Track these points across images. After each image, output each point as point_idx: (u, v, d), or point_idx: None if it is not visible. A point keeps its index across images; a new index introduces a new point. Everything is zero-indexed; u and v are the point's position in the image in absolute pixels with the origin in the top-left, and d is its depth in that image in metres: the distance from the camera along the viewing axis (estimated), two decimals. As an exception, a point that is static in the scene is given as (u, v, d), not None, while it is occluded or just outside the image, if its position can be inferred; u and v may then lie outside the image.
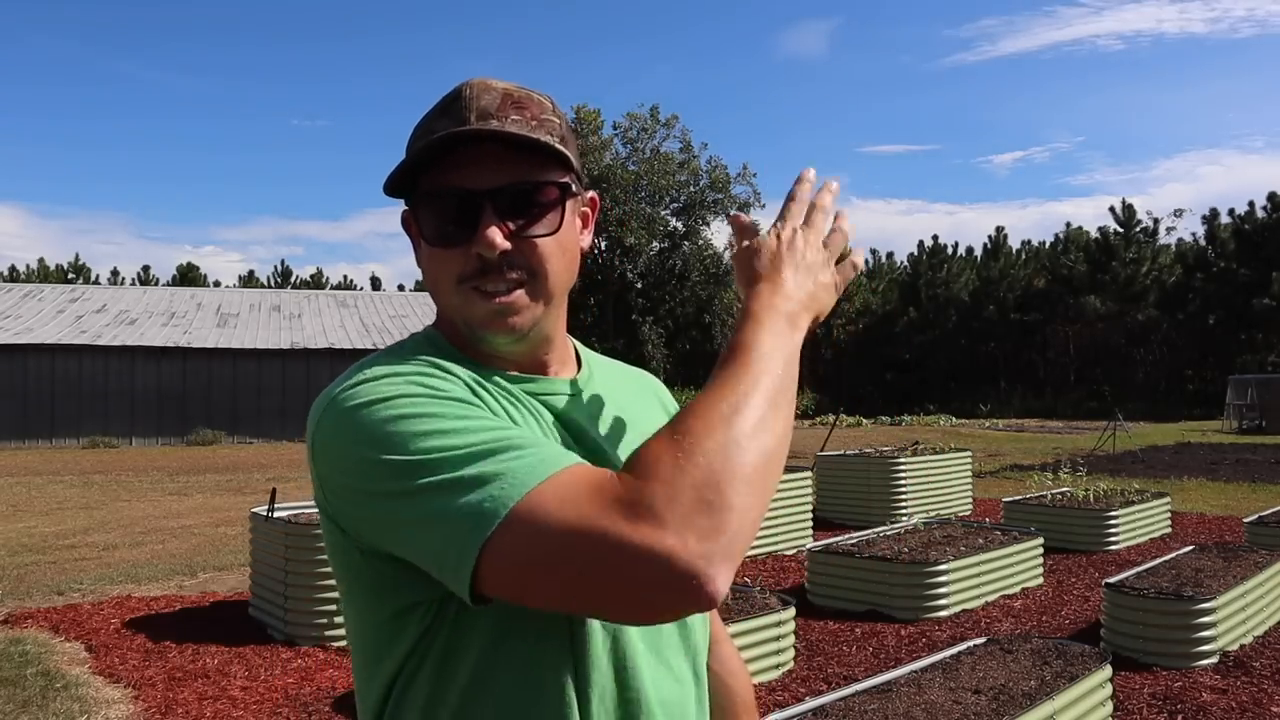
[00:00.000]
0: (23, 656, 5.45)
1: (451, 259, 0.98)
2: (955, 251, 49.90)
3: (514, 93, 0.99)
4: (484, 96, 0.97)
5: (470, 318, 0.99)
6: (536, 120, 0.98)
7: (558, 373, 1.08)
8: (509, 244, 0.96)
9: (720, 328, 42.25)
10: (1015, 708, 3.34)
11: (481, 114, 0.96)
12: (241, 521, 9.60)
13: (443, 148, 0.95)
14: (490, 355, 1.03)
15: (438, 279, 1.00)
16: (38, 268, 50.89)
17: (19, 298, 27.99)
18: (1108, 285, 42.05)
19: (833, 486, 10.30)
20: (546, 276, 1.00)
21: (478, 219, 0.96)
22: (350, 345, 26.38)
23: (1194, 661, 5.02)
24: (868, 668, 5.09)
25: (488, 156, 0.96)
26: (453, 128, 0.95)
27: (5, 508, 12.14)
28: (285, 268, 57.27)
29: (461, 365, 1.00)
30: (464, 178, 0.96)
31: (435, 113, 0.99)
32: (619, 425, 1.08)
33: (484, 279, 0.97)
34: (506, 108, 0.97)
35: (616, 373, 1.20)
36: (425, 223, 0.99)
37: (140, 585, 7.39)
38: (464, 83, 1.00)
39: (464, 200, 0.96)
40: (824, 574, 6.49)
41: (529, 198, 0.98)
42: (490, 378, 1.01)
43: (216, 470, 17.44)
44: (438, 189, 0.97)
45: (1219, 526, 9.74)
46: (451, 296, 0.99)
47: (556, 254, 1.00)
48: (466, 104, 0.97)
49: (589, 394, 1.09)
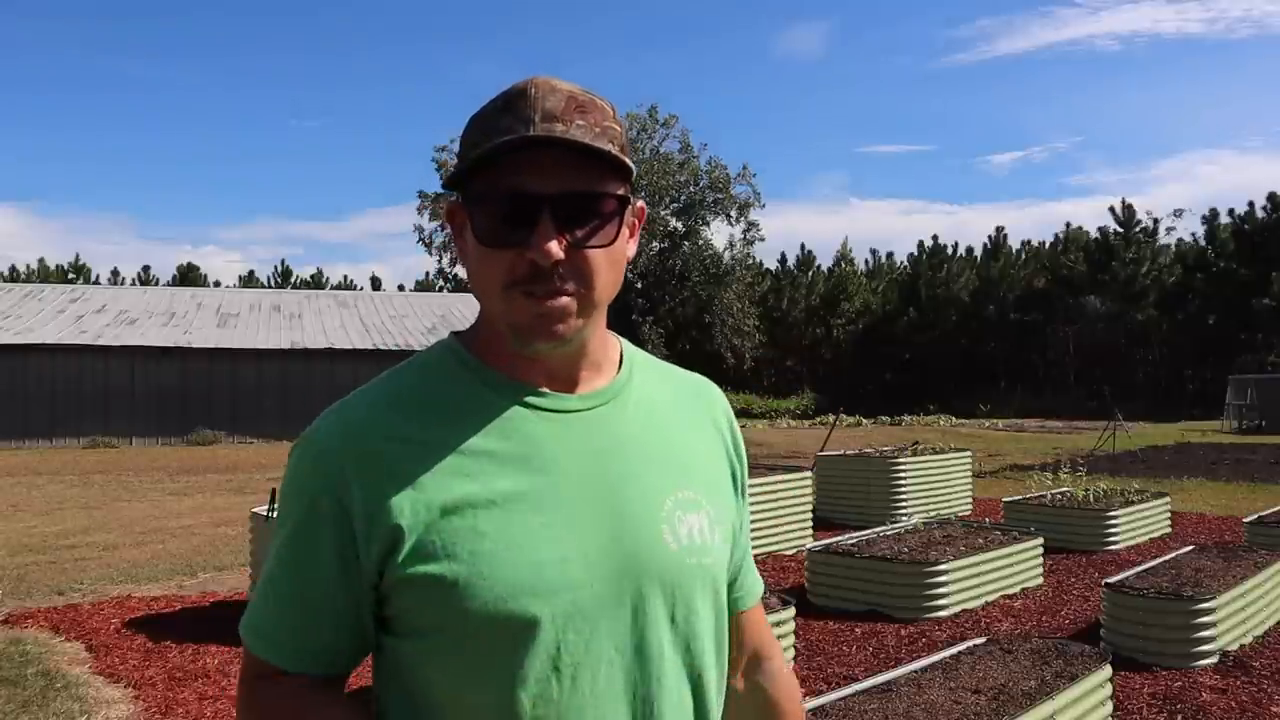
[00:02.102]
0: (23, 656, 5.45)
1: (502, 260, 0.96)
2: (955, 251, 49.93)
3: (579, 96, 0.97)
4: (549, 98, 0.95)
5: (515, 321, 0.98)
6: (600, 128, 0.96)
7: (589, 380, 1.06)
8: (564, 254, 0.95)
9: (720, 328, 42.24)
10: (1015, 708, 3.34)
11: (546, 116, 0.94)
12: (241, 521, 9.60)
13: (512, 148, 0.93)
14: (521, 362, 1.02)
15: (485, 279, 0.99)
16: (38, 268, 50.87)
17: (19, 298, 27.96)
18: (1108, 285, 42.06)
19: (833, 486, 10.30)
20: (595, 289, 0.98)
21: (535, 223, 0.94)
22: (350, 345, 26.37)
23: (1194, 661, 5.02)
24: (868, 668, 5.09)
25: (549, 160, 0.94)
26: (516, 126, 0.93)
27: (5, 508, 12.14)
28: (285, 268, 57.25)
29: (474, 380, 1.03)
30: (524, 180, 0.94)
31: (497, 108, 0.97)
32: (634, 448, 1.05)
33: (534, 284, 0.96)
34: (571, 112, 0.95)
35: (661, 381, 1.14)
36: (479, 221, 0.97)
37: (140, 585, 7.39)
38: (529, 80, 0.98)
39: (523, 203, 0.94)
40: (824, 574, 6.48)
41: (589, 207, 0.96)
42: (494, 403, 1.01)
43: (216, 470, 17.44)
44: (496, 188, 0.96)
45: (1219, 526, 9.74)
46: (497, 299, 0.98)
47: (607, 266, 0.99)
48: (531, 104, 0.94)
49: (612, 411, 1.06)
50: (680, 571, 1.02)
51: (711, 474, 1.12)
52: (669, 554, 1.02)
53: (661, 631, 1.01)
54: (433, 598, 0.95)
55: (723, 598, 1.09)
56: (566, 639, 0.96)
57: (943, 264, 48.92)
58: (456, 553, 0.94)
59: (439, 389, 1.03)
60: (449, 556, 0.94)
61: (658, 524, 1.02)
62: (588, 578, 0.97)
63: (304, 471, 1.01)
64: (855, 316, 49.41)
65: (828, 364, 48.79)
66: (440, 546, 0.95)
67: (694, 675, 1.04)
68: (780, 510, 8.42)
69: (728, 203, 42.45)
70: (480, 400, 1.02)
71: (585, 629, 0.96)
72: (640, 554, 1.00)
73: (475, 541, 0.95)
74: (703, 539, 1.05)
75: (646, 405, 1.09)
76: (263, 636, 1.03)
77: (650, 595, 1.00)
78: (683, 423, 1.12)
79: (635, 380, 1.10)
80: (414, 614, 0.97)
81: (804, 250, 52.46)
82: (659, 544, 1.01)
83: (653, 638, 1.00)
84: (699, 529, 1.05)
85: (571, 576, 0.96)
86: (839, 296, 49.63)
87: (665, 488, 1.04)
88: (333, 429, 1.00)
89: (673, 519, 1.03)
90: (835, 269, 51.77)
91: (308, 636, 1.01)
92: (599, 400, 1.05)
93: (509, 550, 0.95)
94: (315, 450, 1.00)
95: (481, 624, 0.94)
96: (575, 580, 0.96)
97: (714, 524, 1.07)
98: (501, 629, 0.94)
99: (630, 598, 0.99)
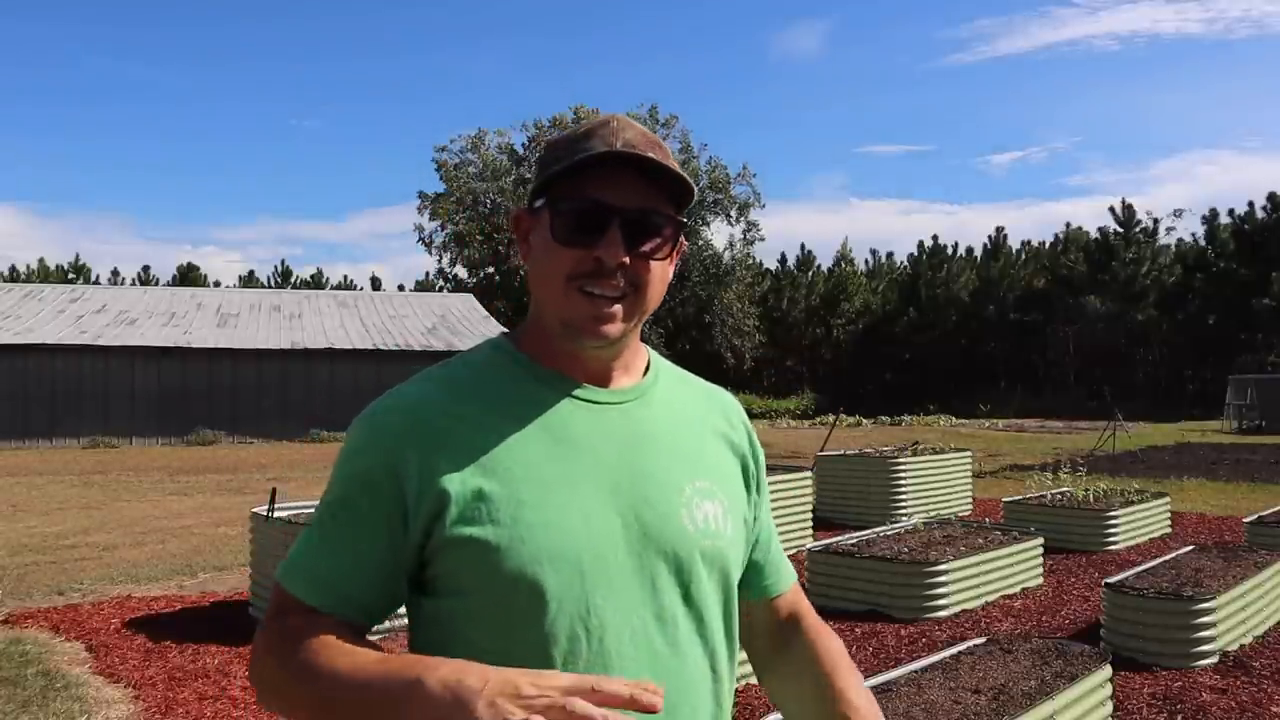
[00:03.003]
0: (23, 656, 5.45)
1: (570, 257, 1.09)
2: (955, 251, 49.93)
3: (650, 135, 1.13)
4: (628, 130, 1.10)
5: (569, 316, 1.10)
6: (668, 162, 1.11)
7: (620, 379, 1.18)
8: (627, 258, 1.09)
9: (720, 328, 42.25)
10: (1015, 708, 3.34)
11: (626, 144, 1.08)
12: (242, 521, 9.59)
13: (598, 163, 1.07)
14: (564, 359, 1.15)
15: (549, 274, 1.11)
16: (38, 268, 50.88)
17: (19, 298, 27.96)
18: (1108, 285, 42.06)
19: (833, 486, 10.31)
20: (646, 297, 1.12)
21: (605, 230, 1.08)
22: (350, 345, 26.36)
23: (1194, 661, 5.02)
24: (868, 668, 5.09)
25: (625, 180, 1.09)
26: (599, 149, 1.07)
27: (5, 508, 12.13)
28: (285, 268, 57.26)
29: (521, 372, 1.14)
30: (602, 193, 1.08)
31: (580, 135, 1.12)
32: (658, 441, 1.16)
33: (594, 281, 1.09)
34: (646, 144, 1.10)
35: (682, 388, 1.27)
36: (558, 223, 1.10)
37: (140, 585, 7.39)
38: (610, 115, 1.14)
39: (599, 211, 1.08)
40: (824, 574, 6.49)
41: (654, 224, 1.11)
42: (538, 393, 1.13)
43: (217, 470, 17.43)
44: (577, 197, 1.09)
45: (1219, 526, 9.74)
46: (557, 292, 1.10)
47: (659, 279, 1.13)
48: (614, 131, 1.10)
49: (640, 407, 1.18)
50: (695, 551, 1.13)
51: (725, 469, 1.23)
52: (686, 534, 1.12)
53: (675, 602, 1.11)
54: (474, 559, 1.04)
55: (732, 581, 1.20)
56: (594, 602, 1.05)
57: (943, 264, 48.93)
58: (499, 519, 1.04)
59: (489, 378, 1.15)
60: (492, 522, 1.04)
61: (677, 507, 1.13)
62: (612, 549, 1.08)
63: (363, 439, 1.11)
64: (855, 316, 49.42)
65: (828, 364, 48.81)
66: (485, 512, 1.05)
67: (709, 648, 1.14)
68: (780, 510, 8.42)
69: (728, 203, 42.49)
70: (525, 389, 1.14)
71: (610, 595, 1.06)
72: (661, 532, 1.11)
73: (515, 509, 1.05)
74: (717, 525, 1.16)
75: (669, 405, 1.21)
76: (303, 574, 1.10)
77: (666, 569, 1.11)
78: (700, 423, 1.24)
79: (660, 383, 1.23)
80: (456, 575, 1.06)
81: (804, 250, 52.52)
82: (678, 525, 1.12)
83: (669, 607, 1.10)
84: (714, 515, 1.16)
85: (598, 546, 1.07)
86: (839, 296, 49.63)
87: (685, 477, 1.16)
88: (392, 405, 1.12)
89: (690, 504, 1.14)
90: (835, 269, 51.78)
91: (348, 582, 1.08)
92: (629, 396, 1.18)
93: (545, 519, 1.05)
94: (375, 422, 1.11)
95: (519, 584, 1.04)
96: (601, 550, 1.07)
97: (728, 513, 1.18)
98: (536, 590, 1.04)
99: (649, 570, 1.10)
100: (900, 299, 49.22)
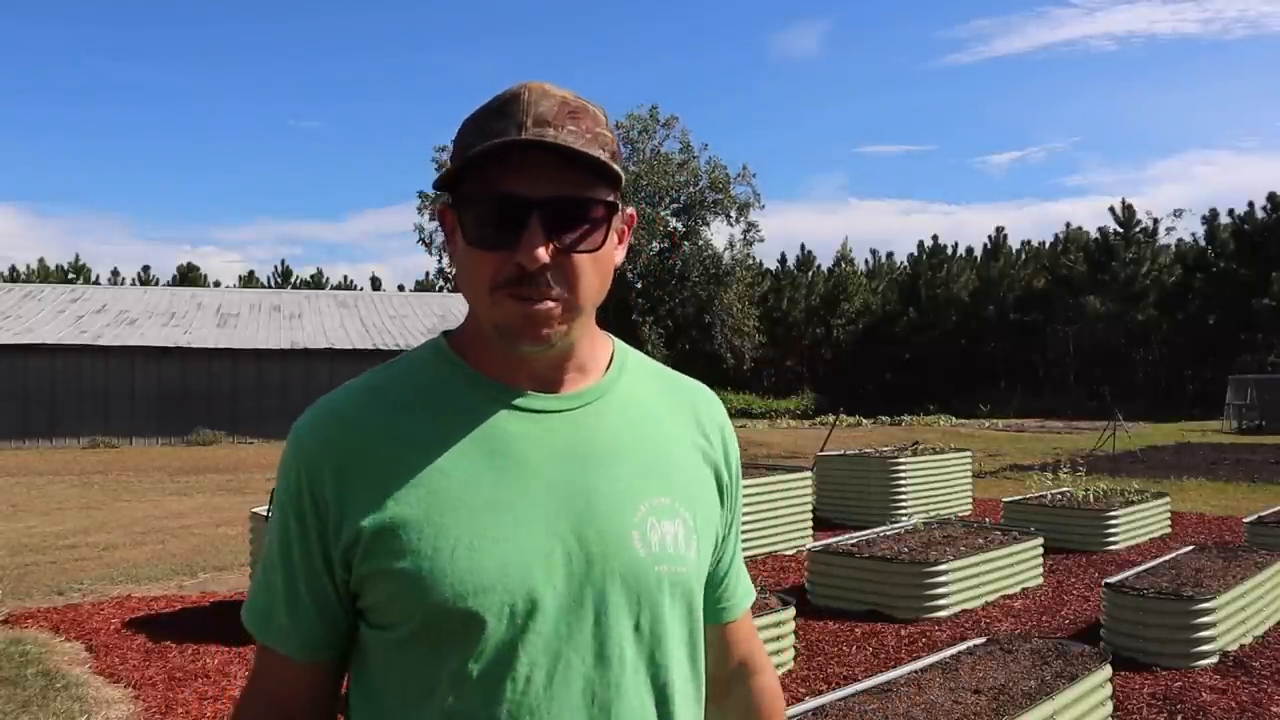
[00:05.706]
0: (23, 656, 5.45)
1: (490, 262, 0.97)
2: (955, 251, 49.92)
3: (571, 102, 0.98)
4: (542, 102, 0.96)
5: (501, 323, 0.98)
6: (591, 134, 0.97)
7: (573, 382, 1.06)
8: (550, 258, 0.95)
9: (720, 328, 42.23)
10: (1015, 708, 3.34)
11: (538, 120, 0.94)
12: (241, 521, 9.59)
13: (503, 151, 0.94)
14: (506, 362, 1.03)
15: (473, 280, 0.99)
16: (38, 268, 50.84)
17: (19, 298, 27.95)
18: (1108, 285, 42.05)
19: (833, 486, 10.30)
20: (581, 294, 0.99)
21: (523, 227, 0.95)
22: (350, 345, 26.37)
23: (1194, 661, 5.02)
24: (868, 668, 5.09)
25: (540, 165, 0.95)
26: (508, 130, 0.94)
27: (5, 508, 12.13)
28: (285, 268, 57.22)
29: (455, 377, 1.04)
30: (513, 183, 0.95)
31: (490, 112, 0.98)
32: (612, 451, 1.04)
33: (520, 287, 0.96)
34: (563, 117, 0.95)
35: (652, 385, 1.13)
36: (468, 223, 0.97)
37: (140, 585, 7.39)
38: (522, 85, 0.98)
39: (511, 206, 0.95)
40: (824, 574, 6.48)
41: (577, 212, 0.97)
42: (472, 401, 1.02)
43: (217, 470, 17.43)
44: (486, 191, 0.96)
45: (1219, 526, 9.75)
46: (484, 300, 0.98)
47: (594, 272, 0.99)
48: (524, 108, 0.95)
49: (593, 413, 1.05)
50: (648, 578, 1.00)
51: (694, 482, 1.09)
52: (637, 560, 1.00)
53: (624, 638, 0.99)
54: (395, 593, 0.96)
55: (697, 608, 1.08)
56: (524, 639, 0.95)
57: (943, 264, 48.92)
58: (420, 548, 0.95)
59: (420, 385, 1.04)
60: (413, 552, 0.95)
61: (628, 529, 1.00)
62: (548, 579, 0.96)
63: (287, 455, 1.04)
64: (855, 316, 49.39)
65: (828, 364, 48.79)
66: (405, 542, 0.96)
67: (659, 685, 1.02)
68: (780, 510, 8.42)
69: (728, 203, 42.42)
70: (459, 397, 1.02)
71: (544, 630, 0.96)
72: (607, 558, 0.99)
73: (439, 538, 0.95)
74: (675, 548, 1.03)
75: (632, 409, 1.08)
76: (252, 613, 1.07)
77: (614, 601, 0.99)
78: (668, 429, 1.10)
79: (622, 383, 1.09)
80: (380, 609, 0.99)
81: (804, 250, 52.49)
82: (628, 549, 1.00)
83: (614, 644, 0.98)
84: (672, 537, 1.03)
85: (533, 577, 0.96)
86: (839, 296, 49.62)
87: (641, 493, 1.03)
88: (314, 421, 1.03)
89: (645, 525, 1.01)
90: (835, 269, 51.76)
91: (294, 620, 1.04)
92: (580, 402, 1.05)
93: (472, 547, 0.95)
94: (297, 437, 1.03)
95: (443, 620, 0.95)
96: (536, 580, 0.96)
97: (690, 533, 1.05)
98: (461, 627, 0.95)
99: (593, 602, 0.98)
100: (900, 299, 49.20)
